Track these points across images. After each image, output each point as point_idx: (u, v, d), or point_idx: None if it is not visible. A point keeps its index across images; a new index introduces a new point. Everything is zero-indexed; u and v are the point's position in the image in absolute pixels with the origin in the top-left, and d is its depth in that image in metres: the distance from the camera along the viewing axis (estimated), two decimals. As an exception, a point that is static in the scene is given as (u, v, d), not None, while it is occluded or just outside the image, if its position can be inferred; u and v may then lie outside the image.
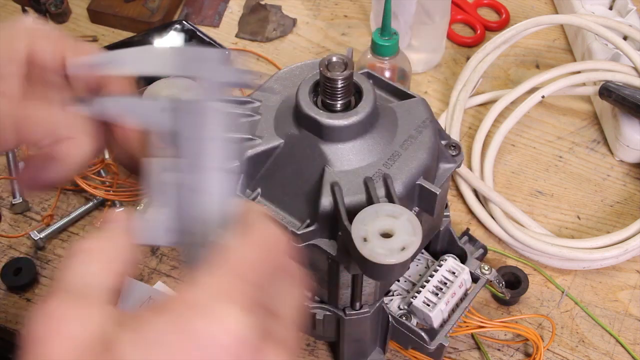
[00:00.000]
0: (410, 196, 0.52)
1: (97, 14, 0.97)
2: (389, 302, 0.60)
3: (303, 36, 0.96)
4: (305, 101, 0.51)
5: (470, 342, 0.68)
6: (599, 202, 0.79)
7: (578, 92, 0.86)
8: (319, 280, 0.57)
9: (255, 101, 0.55)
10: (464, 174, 0.78)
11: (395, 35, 0.77)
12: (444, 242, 0.64)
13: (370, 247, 0.45)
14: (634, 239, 0.72)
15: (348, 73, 0.49)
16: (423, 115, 0.55)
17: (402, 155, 0.52)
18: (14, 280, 0.71)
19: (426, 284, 0.60)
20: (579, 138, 0.85)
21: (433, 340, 0.58)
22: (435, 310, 0.58)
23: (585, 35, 0.88)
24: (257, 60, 0.93)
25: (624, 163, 0.83)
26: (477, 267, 0.62)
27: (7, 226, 0.76)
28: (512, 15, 0.98)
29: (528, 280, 0.70)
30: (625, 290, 0.73)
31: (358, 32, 0.97)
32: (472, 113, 0.87)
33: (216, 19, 0.98)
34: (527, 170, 0.82)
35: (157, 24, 0.94)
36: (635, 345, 0.69)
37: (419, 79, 0.91)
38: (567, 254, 0.71)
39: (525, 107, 0.82)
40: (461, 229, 0.74)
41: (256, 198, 0.53)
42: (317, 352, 0.68)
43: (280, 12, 0.98)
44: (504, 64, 0.92)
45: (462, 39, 0.95)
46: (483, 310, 0.70)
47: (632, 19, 0.89)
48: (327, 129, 0.50)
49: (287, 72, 0.58)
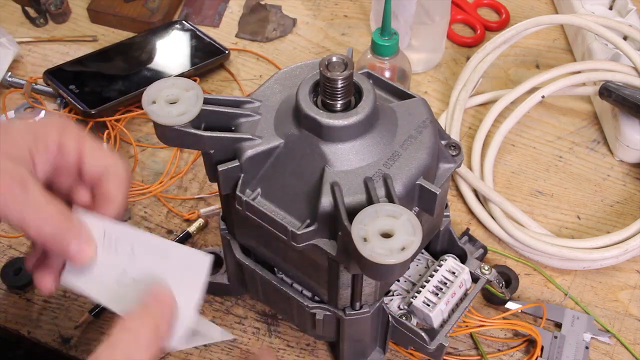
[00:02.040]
0: (410, 196, 0.52)
1: (97, 14, 0.97)
2: (389, 302, 0.60)
3: (303, 36, 0.96)
4: (305, 101, 0.51)
5: (470, 342, 0.68)
6: (599, 202, 0.80)
7: (578, 92, 0.86)
8: (319, 280, 0.57)
9: (255, 101, 0.55)
10: (464, 174, 0.78)
11: (395, 35, 0.77)
12: (444, 242, 0.64)
13: (370, 247, 0.45)
14: (634, 239, 0.72)
15: (348, 73, 0.49)
16: (423, 115, 0.55)
17: (402, 155, 0.52)
18: (14, 280, 0.71)
19: (426, 284, 0.60)
20: (579, 138, 0.85)
21: (433, 340, 0.58)
22: (435, 310, 0.58)
23: (585, 35, 0.88)
24: (257, 60, 0.93)
25: (624, 163, 0.83)
26: (477, 267, 0.62)
27: (7, 226, 0.76)
28: (512, 15, 0.98)
29: (519, 279, 0.70)
30: (625, 290, 0.73)
31: (358, 32, 0.97)
32: (472, 113, 0.87)
33: (216, 19, 0.98)
34: (527, 170, 0.82)
35: (157, 24, 0.94)
36: (635, 345, 0.69)
37: (419, 79, 0.91)
38: (567, 254, 0.72)
39: (525, 107, 0.82)
40: (461, 229, 0.74)
41: (256, 198, 0.53)
42: (317, 352, 0.68)
43: (280, 12, 0.98)
44: (504, 64, 0.92)
45: (462, 39, 0.95)
46: (483, 310, 0.70)
47: (632, 19, 0.89)
48: (327, 129, 0.50)
49: (287, 72, 0.58)
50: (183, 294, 0.48)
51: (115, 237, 0.50)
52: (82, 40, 0.96)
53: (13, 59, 0.89)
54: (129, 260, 0.50)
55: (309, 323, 0.61)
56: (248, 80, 0.91)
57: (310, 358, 0.68)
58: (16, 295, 0.71)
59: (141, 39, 0.92)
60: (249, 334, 0.69)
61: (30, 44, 0.95)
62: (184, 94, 0.53)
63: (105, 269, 0.49)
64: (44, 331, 0.69)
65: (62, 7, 0.96)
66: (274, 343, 0.68)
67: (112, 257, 0.50)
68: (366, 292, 0.56)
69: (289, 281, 0.61)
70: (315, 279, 0.58)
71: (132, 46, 0.92)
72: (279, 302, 0.63)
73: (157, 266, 0.49)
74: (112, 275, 0.50)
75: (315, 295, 0.60)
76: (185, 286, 0.49)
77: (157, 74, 0.88)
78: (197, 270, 0.49)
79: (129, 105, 0.85)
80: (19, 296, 0.71)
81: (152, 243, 0.51)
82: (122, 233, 0.50)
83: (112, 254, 0.50)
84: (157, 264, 0.49)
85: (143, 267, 0.50)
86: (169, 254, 0.50)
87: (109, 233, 0.50)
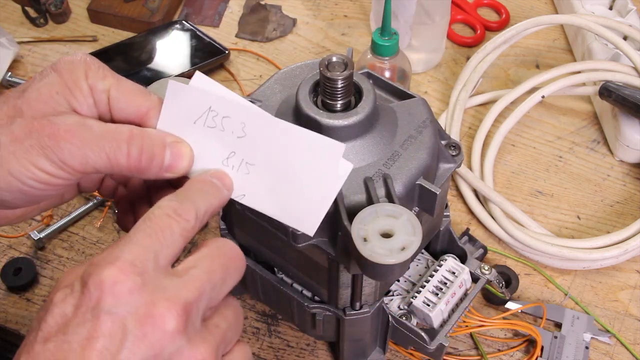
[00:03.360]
0: (410, 196, 0.52)
1: (97, 14, 0.97)
2: (389, 302, 0.60)
3: (303, 36, 0.96)
4: (305, 101, 0.51)
5: (470, 342, 0.68)
6: (599, 202, 0.80)
7: (578, 92, 0.86)
8: (319, 280, 0.57)
9: (255, 101, 0.55)
10: (464, 174, 0.78)
11: (395, 35, 0.77)
12: (444, 242, 0.64)
13: (370, 247, 0.45)
14: (634, 239, 0.72)
15: (348, 73, 0.49)
16: (423, 115, 0.55)
17: (402, 155, 0.52)
18: (14, 280, 0.71)
19: (426, 284, 0.60)
20: (579, 138, 0.85)
21: (433, 340, 0.58)
22: (435, 310, 0.58)
23: (585, 35, 0.88)
24: (257, 60, 0.93)
25: (624, 163, 0.83)
26: (477, 267, 0.62)
27: (7, 226, 0.76)
28: (512, 15, 0.98)
29: (519, 279, 0.70)
30: (625, 290, 0.73)
31: (358, 32, 0.97)
32: (472, 113, 0.87)
33: (216, 19, 0.98)
34: (527, 170, 0.82)
35: (157, 24, 0.94)
36: (635, 345, 0.69)
37: (419, 79, 0.91)
38: (567, 254, 0.72)
39: (525, 107, 0.82)
40: (461, 229, 0.74)
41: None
42: (317, 352, 0.68)
43: (280, 12, 0.98)
44: (504, 64, 0.92)
45: (462, 39, 0.95)
46: (483, 310, 0.70)
47: (632, 19, 0.89)
48: (327, 129, 0.50)
49: (287, 72, 0.58)
50: (312, 185, 0.45)
51: (222, 112, 0.45)
52: (82, 40, 0.96)
53: (13, 59, 0.89)
54: (238, 142, 0.46)
55: (309, 323, 0.61)
56: (248, 80, 0.91)
57: (310, 358, 0.68)
58: (16, 295, 0.71)
59: (141, 39, 0.93)
60: (249, 334, 0.69)
61: (30, 44, 0.95)
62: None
63: (209, 150, 0.46)
64: (44, 331, 0.69)
65: (62, 7, 0.96)
66: (274, 343, 0.68)
67: (216, 136, 0.46)
68: (366, 292, 0.56)
69: (289, 281, 0.61)
70: (315, 279, 0.58)
71: (132, 46, 0.92)
72: (279, 302, 0.63)
73: (274, 150, 0.45)
74: (217, 158, 0.46)
75: (315, 295, 0.60)
76: (314, 177, 0.45)
77: (157, 74, 0.88)
78: (328, 158, 0.45)
79: (129, 105, 0.85)
80: (19, 296, 0.71)
81: (269, 124, 0.46)
82: (233, 108, 0.45)
83: (217, 132, 0.46)
84: (274, 148, 0.45)
85: (257, 150, 0.45)
86: (289, 137, 0.45)
87: (215, 107, 0.45)
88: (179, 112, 0.46)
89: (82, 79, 0.46)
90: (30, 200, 0.46)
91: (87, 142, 0.44)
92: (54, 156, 0.43)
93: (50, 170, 0.44)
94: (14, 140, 0.43)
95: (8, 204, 0.46)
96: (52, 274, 0.73)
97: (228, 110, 0.46)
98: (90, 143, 0.44)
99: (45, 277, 0.73)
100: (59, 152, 0.43)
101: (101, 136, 0.44)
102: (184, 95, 0.46)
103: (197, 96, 0.46)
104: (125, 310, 0.38)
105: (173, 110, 0.46)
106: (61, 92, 0.45)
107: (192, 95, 0.46)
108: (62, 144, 0.43)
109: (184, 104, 0.46)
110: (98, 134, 0.44)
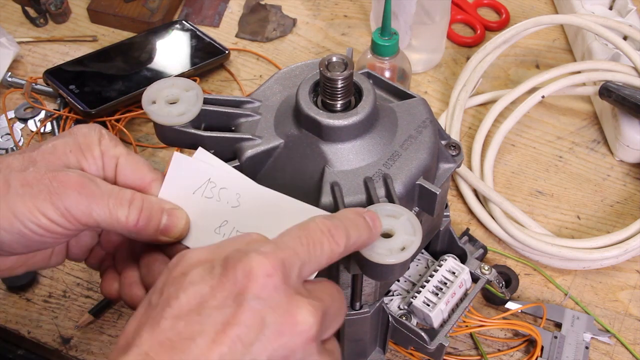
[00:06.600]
0: (410, 196, 0.52)
1: (97, 14, 0.97)
2: (389, 302, 0.60)
3: (303, 36, 0.96)
4: (305, 101, 0.51)
5: (470, 342, 0.68)
6: (599, 202, 0.80)
7: (578, 92, 0.86)
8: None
9: (255, 101, 0.55)
10: (464, 174, 0.78)
11: (395, 35, 0.77)
12: (444, 242, 0.64)
13: (370, 247, 0.45)
14: (634, 239, 0.72)
15: (348, 73, 0.49)
16: (423, 115, 0.55)
17: (402, 155, 0.52)
18: (14, 280, 0.71)
19: (426, 284, 0.60)
20: (579, 138, 0.85)
21: (433, 340, 0.58)
22: (435, 310, 0.58)
23: (585, 35, 0.88)
24: (257, 60, 0.93)
25: (624, 163, 0.83)
26: (477, 267, 0.62)
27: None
28: (512, 15, 0.98)
29: (519, 279, 0.70)
30: (625, 290, 0.73)
31: (358, 32, 0.97)
32: (472, 113, 0.87)
33: (216, 19, 0.98)
34: (527, 170, 0.82)
35: (157, 24, 0.94)
36: (635, 345, 0.69)
37: (419, 79, 0.91)
38: (567, 254, 0.72)
39: (525, 107, 0.82)
40: (461, 229, 0.74)
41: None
42: (317, 352, 0.68)
43: (280, 12, 0.98)
44: (504, 64, 0.92)
45: (462, 39, 0.95)
46: (483, 310, 0.70)
47: (632, 19, 0.89)
48: (327, 129, 0.50)
49: (287, 72, 0.58)
50: None
51: (220, 184, 0.48)
52: (82, 40, 0.96)
53: (13, 59, 0.89)
54: (232, 211, 0.48)
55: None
56: (248, 80, 0.91)
57: (310, 358, 0.68)
58: (16, 295, 0.71)
59: (141, 39, 0.92)
60: (249, 334, 0.69)
61: (30, 44, 0.95)
62: (184, 94, 0.53)
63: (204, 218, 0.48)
64: (44, 331, 0.69)
65: (62, 7, 0.96)
66: (274, 343, 0.68)
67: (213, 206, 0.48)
68: (366, 292, 0.56)
69: (289, 281, 0.61)
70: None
71: (132, 46, 0.92)
72: (279, 302, 0.63)
73: (265, 220, 0.47)
74: (210, 226, 0.48)
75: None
76: None
77: (157, 74, 0.88)
78: None
79: (128, 105, 0.85)
80: (19, 296, 0.71)
81: (262, 195, 0.48)
82: (230, 181, 0.48)
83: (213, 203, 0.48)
84: (266, 217, 0.47)
85: (249, 219, 0.47)
86: (281, 208, 0.47)
87: (215, 179, 0.48)
88: (180, 182, 0.50)
89: (95, 143, 0.49)
90: (26, 245, 0.47)
91: (93, 195, 0.46)
92: (59, 203, 0.45)
93: (53, 217, 0.45)
94: (24, 184, 0.46)
95: (4, 246, 0.47)
96: (52, 274, 0.73)
97: (226, 182, 0.49)
98: (96, 197, 0.46)
99: (45, 277, 0.73)
100: (66, 199, 0.45)
101: (107, 193, 0.47)
102: (187, 167, 0.50)
103: (199, 168, 0.50)
104: (268, 304, 0.37)
105: (175, 180, 0.50)
106: (74, 151, 0.48)
107: (194, 166, 0.50)
108: (70, 192, 0.46)
109: (186, 174, 0.50)
110: (104, 190, 0.47)
